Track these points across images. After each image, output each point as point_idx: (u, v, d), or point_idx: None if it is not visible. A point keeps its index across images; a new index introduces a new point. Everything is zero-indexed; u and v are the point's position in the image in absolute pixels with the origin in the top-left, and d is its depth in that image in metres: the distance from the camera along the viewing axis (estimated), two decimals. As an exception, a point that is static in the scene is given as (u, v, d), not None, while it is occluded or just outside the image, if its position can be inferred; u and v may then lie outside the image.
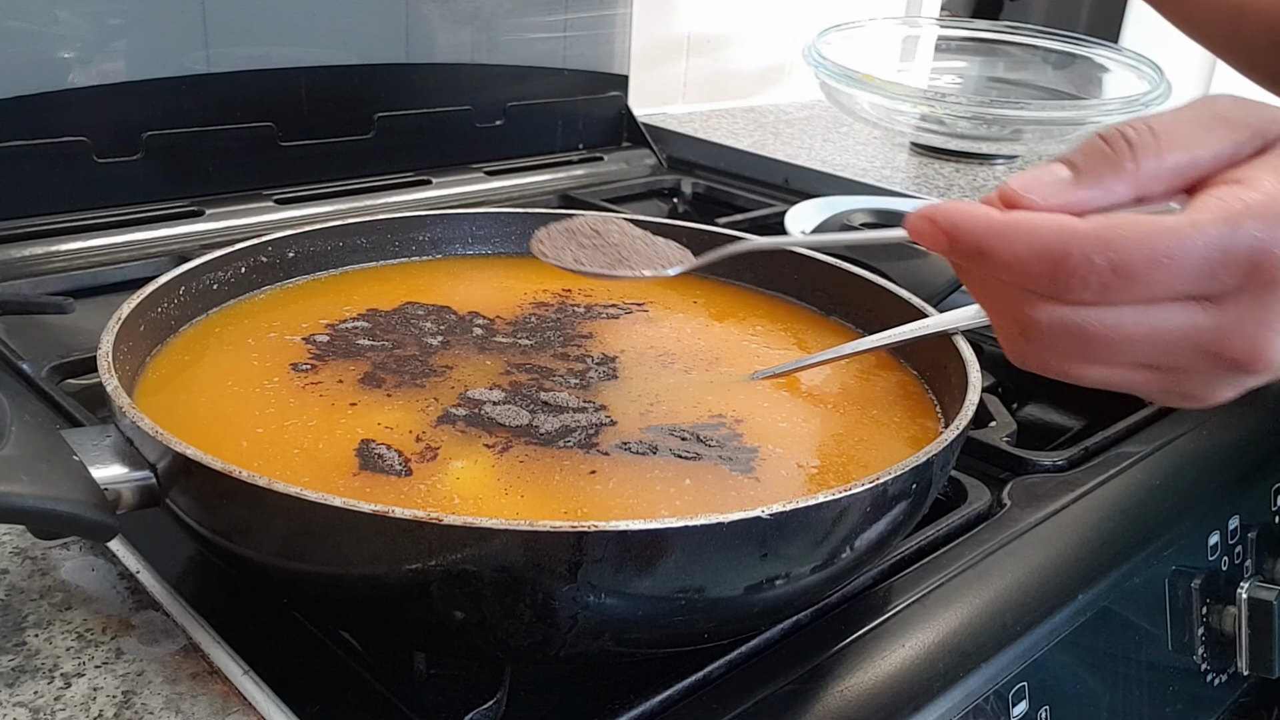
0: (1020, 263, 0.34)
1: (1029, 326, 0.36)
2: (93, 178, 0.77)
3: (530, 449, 0.42)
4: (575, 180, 1.02)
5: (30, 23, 0.73)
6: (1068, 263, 0.34)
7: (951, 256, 0.37)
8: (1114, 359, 0.36)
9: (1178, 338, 0.35)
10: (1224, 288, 0.34)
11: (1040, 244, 0.34)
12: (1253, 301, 0.34)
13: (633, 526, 0.32)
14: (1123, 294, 0.34)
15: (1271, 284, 0.34)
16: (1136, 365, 0.36)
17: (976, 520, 0.50)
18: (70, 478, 0.36)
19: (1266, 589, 0.57)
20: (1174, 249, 0.33)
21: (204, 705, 0.36)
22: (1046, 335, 0.36)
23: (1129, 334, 0.35)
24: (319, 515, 0.32)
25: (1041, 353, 0.37)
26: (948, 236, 0.36)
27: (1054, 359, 0.37)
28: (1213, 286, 0.34)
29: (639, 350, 0.52)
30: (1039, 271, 0.34)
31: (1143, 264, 0.33)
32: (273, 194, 0.85)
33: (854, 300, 0.57)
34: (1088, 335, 0.35)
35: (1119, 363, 0.36)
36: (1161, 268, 0.33)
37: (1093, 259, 0.33)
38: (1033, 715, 0.44)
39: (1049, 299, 0.35)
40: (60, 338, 0.64)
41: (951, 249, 0.36)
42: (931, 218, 0.36)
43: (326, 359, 0.49)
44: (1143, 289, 0.34)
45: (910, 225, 0.37)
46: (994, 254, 0.35)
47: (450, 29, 0.94)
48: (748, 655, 0.40)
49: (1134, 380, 0.37)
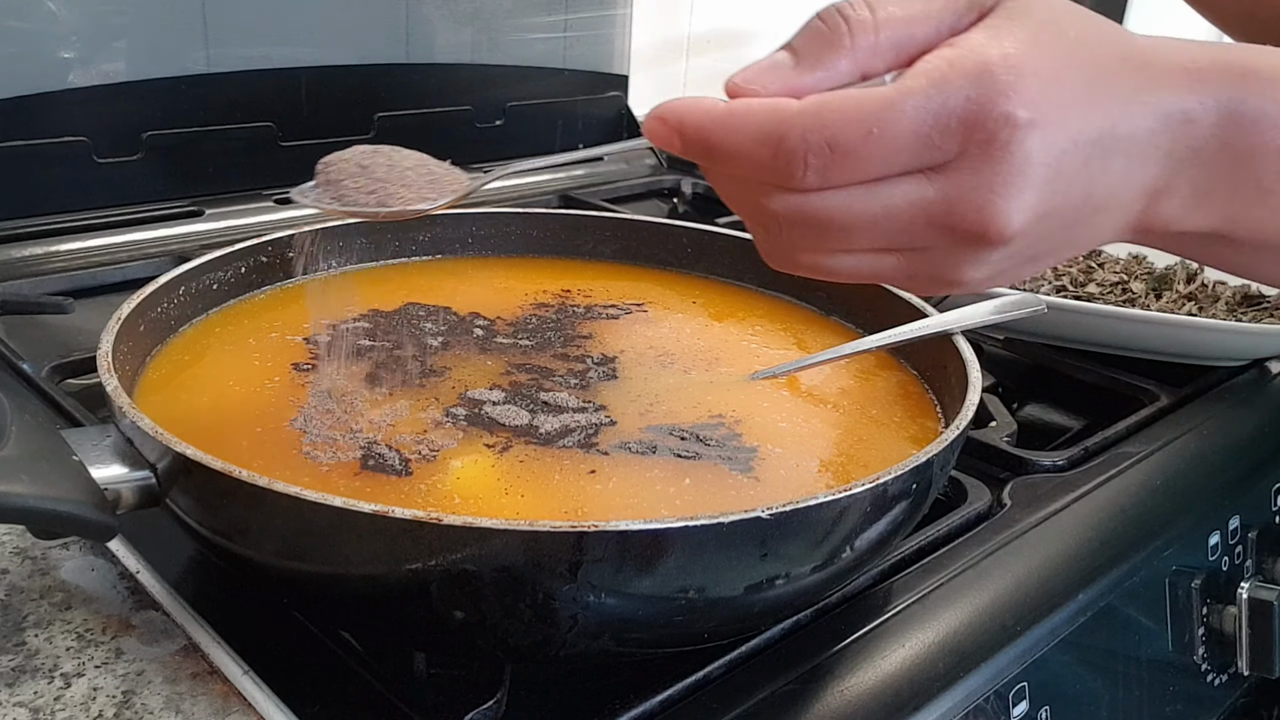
0: (743, 152, 0.34)
1: (768, 220, 0.36)
2: (93, 178, 0.77)
3: (530, 449, 0.42)
4: (575, 180, 1.02)
5: (30, 22, 0.73)
6: (785, 145, 0.33)
7: (685, 155, 0.36)
8: (854, 244, 0.36)
9: (909, 214, 0.34)
10: (944, 155, 0.33)
11: (758, 130, 0.34)
12: (974, 165, 0.33)
13: (633, 526, 0.32)
14: (845, 172, 0.34)
15: (989, 143, 0.33)
16: (878, 250, 0.36)
17: (976, 520, 0.50)
18: (70, 478, 0.36)
19: (1266, 589, 0.57)
20: (885, 118, 0.33)
21: (204, 705, 0.36)
22: (785, 226, 0.36)
23: (861, 216, 0.35)
24: (319, 515, 0.32)
25: (786, 247, 0.37)
26: (677, 134, 0.35)
27: (800, 253, 0.37)
28: (933, 155, 0.33)
29: (638, 350, 0.52)
30: (761, 158, 0.34)
31: (857, 138, 0.33)
32: (273, 194, 0.85)
33: (854, 300, 0.57)
34: (822, 222, 0.35)
35: (860, 249, 0.36)
36: (875, 139, 0.33)
37: (808, 138, 0.33)
38: (1033, 715, 0.44)
39: (779, 188, 0.35)
40: (60, 338, 0.64)
41: (684, 147, 0.36)
42: (662, 117, 0.35)
43: (328, 359, 0.49)
44: (864, 165, 0.34)
45: (645, 129, 0.36)
46: (719, 146, 0.35)
47: (450, 29, 0.94)
48: (748, 655, 0.40)
49: (881, 267, 0.37)
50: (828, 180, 0.34)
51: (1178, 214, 0.38)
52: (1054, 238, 0.36)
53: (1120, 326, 0.64)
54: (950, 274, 0.37)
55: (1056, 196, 0.35)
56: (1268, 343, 0.65)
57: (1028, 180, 0.34)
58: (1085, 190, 0.35)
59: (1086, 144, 0.34)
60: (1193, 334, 0.64)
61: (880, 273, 0.37)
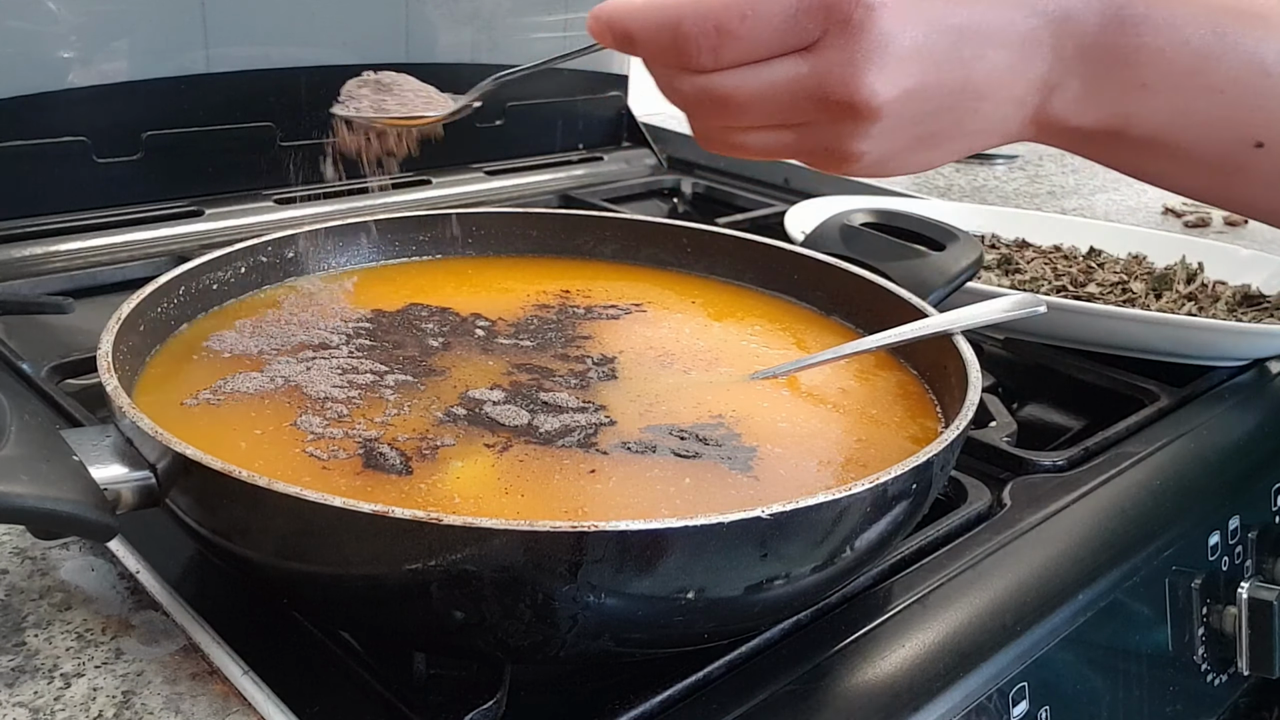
0: (651, 39, 0.40)
1: (683, 102, 0.42)
2: (93, 178, 0.77)
3: (530, 448, 0.42)
4: (575, 180, 1.02)
5: (30, 22, 0.73)
6: (681, 29, 0.39)
7: (617, 48, 0.42)
8: (752, 120, 0.41)
9: (789, 89, 0.39)
10: (811, 35, 0.39)
11: (661, 18, 0.39)
12: (837, 42, 0.38)
13: (633, 526, 0.32)
14: (732, 53, 0.39)
15: (847, 23, 0.38)
16: (776, 126, 0.41)
17: (976, 520, 0.50)
18: (70, 478, 0.36)
19: (1266, 589, 0.57)
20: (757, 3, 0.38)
21: (204, 705, 0.36)
22: (697, 106, 0.42)
23: (752, 93, 0.40)
24: (319, 515, 0.32)
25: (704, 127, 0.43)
26: (609, 29, 0.41)
27: (717, 131, 0.43)
28: (800, 36, 0.39)
29: (638, 350, 0.52)
30: (665, 43, 0.40)
31: (735, 19, 0.38)
32: (273, 194, 0.85)
33: (854, 300, 0.57)
34: (721, 99, 0.40)
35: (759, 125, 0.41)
36: (749, 21, 0.38)
37: (698, 24, 0.39)
38: (1033, 715, 0.44)
39: (685, 70, 0.40)
40: (60, 338, 0.64)
41: (614, 40, 0.41)
42: (595, 14, 0.41)
43: (329, 359, 0.49)
44: (745, 46, 0.39)
45: (588, 27, 0.42)
46: (635, 35, 0.41)
47: (450, 29, 0.94)
48: (748, 655, 0.40)
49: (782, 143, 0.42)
50: (720, 61, 0.39)
51: (1072, 110, 0.43)
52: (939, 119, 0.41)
53: (1120, 326, 0.64)
54: (838, 146, 0.42)
55: (927, 75, 0.39)
56: (1268, 343, 0.65)
57: (888, 56, 0.38)
58: (962, 75, 0.40)
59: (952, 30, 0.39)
60: (1193, 334, 0.64)
61: (782, 147, 0.42)
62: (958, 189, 1.10)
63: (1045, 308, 0.52)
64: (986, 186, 1.12)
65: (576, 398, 0.47)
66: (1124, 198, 1.11)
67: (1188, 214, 1.03)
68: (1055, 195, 1.10)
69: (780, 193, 1.03)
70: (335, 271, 0.59)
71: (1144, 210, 1.06)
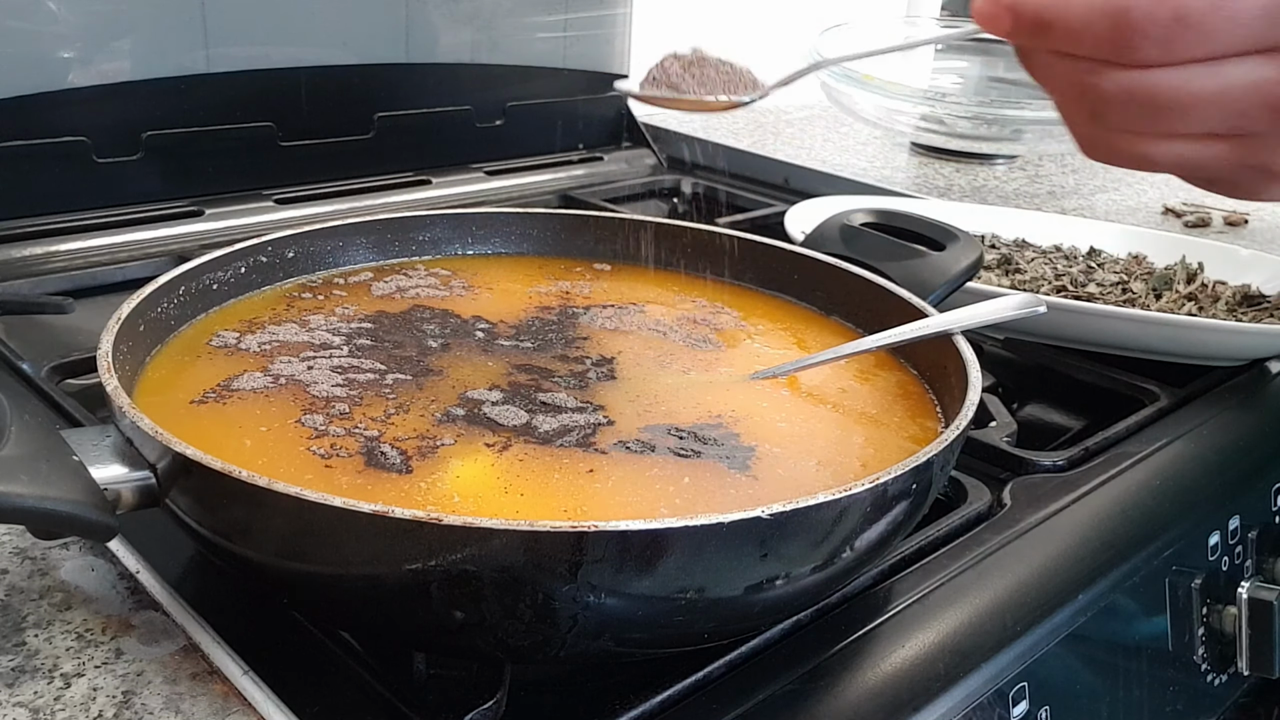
0: (1083, 26, 0.34)
1: (1096, 101, 0.35)
2: (93, 178, 0.77)
3: (529, 448, 0.42)
4: (575, 180, 1.02)
5: (30, 22, 0.73)
6: (1129, 17, 0.33)
7: (1016, 37, 0.36)
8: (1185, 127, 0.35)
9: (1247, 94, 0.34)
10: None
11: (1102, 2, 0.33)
12: None
13: (633, 526, 0.32)
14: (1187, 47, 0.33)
15: None
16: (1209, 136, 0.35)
17: (976, 520, 0.50)
18: (70, 478, 0.36)
19: (1266, 589, 0.57)
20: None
21: (204, 705, 0.36)
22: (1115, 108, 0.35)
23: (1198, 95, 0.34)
24: (319, 515, 0.32)
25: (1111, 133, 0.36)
26: (1010, 13, 0.36)
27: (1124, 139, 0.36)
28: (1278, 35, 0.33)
29: (637, 351, 0.52)
30: (1101, 32, 0.34)
31: (1204, 9, 0.32)
32: (273, 194, 0.85)
33: (854, 300, 0.57)
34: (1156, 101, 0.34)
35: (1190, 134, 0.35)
36: (1222, 11, 0.32)
37: (1154, 11, 0.33)
38: (1033, 715, 0.44)
39: (1114, 65, 0.34)
40: (60, 338, 0.64)
41: (1015, 27, 0.36)
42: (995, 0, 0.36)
43: (329, 359, 0.49)
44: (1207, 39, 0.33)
45: (977, 13, 0.37)
46: (1055, 23, 0.35)
47: (450, 29, 0.94)
48: (748, 655, 0.40)
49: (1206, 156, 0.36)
50: (1169, 55, 0.33)
51: None
52: None
53: (1120, 326, 0.64)
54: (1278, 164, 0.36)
55: None
56: (1268, 343, 0.65)
57: None
58: None
59: None
60: (1193, 334, 0.64)
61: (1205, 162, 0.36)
62: (958, 189, 1.10)
63: (1045, 308, 0.52)
64: (986, 186, 1.12)
65: (575, 398, 0.47)
66: (1124, 198, 1.11)
67: (1188, 214, 1.03)
68: (1055, 195, 1.10)
69: (780, 193, 1.03)
70: (335, 271, 0.59)
71: (1144, 210, 1.06)
